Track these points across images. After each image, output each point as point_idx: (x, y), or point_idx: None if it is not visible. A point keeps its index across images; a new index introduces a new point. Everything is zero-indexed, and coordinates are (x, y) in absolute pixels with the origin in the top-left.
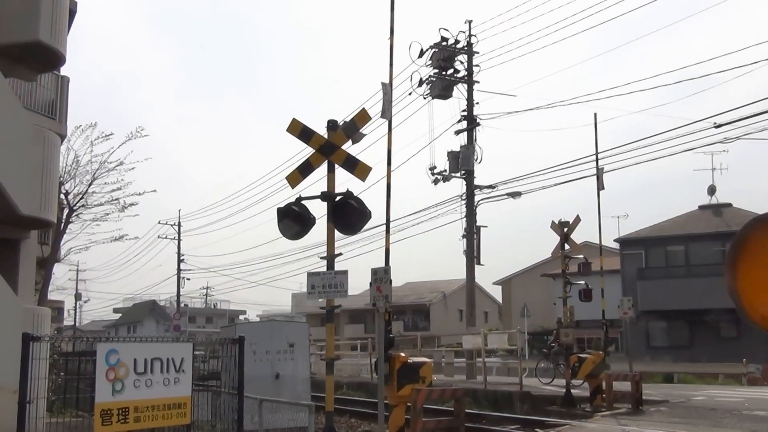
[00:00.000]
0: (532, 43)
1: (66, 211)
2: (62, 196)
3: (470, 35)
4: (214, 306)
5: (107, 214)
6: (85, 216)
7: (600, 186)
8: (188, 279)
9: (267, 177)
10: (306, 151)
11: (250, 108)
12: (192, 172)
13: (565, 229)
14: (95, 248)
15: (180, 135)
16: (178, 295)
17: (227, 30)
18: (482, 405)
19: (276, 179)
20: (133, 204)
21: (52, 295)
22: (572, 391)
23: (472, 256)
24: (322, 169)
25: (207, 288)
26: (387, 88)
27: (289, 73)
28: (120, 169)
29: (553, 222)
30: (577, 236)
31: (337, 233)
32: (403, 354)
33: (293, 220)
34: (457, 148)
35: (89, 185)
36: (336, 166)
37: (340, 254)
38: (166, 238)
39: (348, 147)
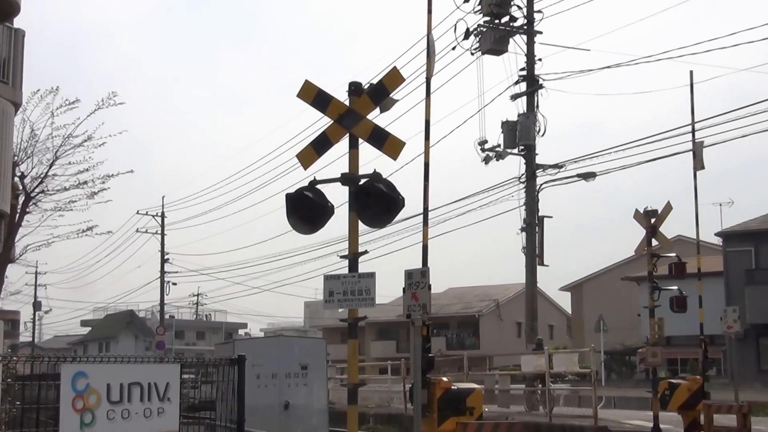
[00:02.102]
0: None
1: (21, 199)
2: (17, 179)
3: None
4: (207, 318)
5: (73, 202)
6: (45, 204)
7: (697, 165)
8: (174, 284)
9: (273, 155)
10: (322, 122)
11: (251, 69)
12: (179, 149)
13: (653, 220)
14: (58, 245)
15: (163, 103)
16: (162, 304)
17: None
18: None
19: (284, 158)
20: (104, 189)
21: (4, 304)
22: (661, 426)
23: (534, 254)
24: (343, 145)
25: (198, 295)
26: (430, 38)
27: (299, 23)
28: (88, 146)
29: (637, 211)
30: (668, 229)
31: (361, 226)
32: (445, 379)
33: (306, 210)
34: (513, 117)
35: (50, 166)
36: (360, 140)
37: (366, 252)
38: (146, 232)
39: (375, 116)
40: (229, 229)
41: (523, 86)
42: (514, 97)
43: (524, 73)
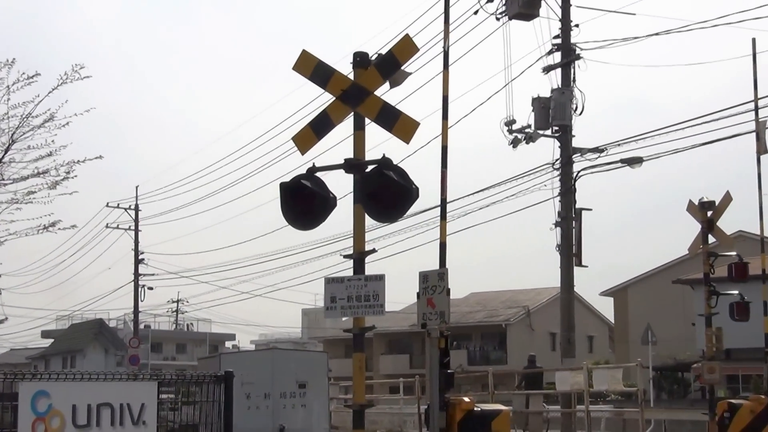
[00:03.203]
0: None
1: None
2: None
3: None
4: (189, 328)
5: (32, 193)
6: (0, 196)
7: (761, 148)
8: (150, 288)
9: (264, 138)
10: (322, 98)
11: (238, 39)
12: (155, 131)
13: (709, 214)
14: (15, 243)
15: (137, 78)
16: (136, 311)
17: None
18: None
19: (278, 141)
20: (69, 177)
21: None
22: None
23: (570, 253)
24: (346, 126)
25: (178, 301)
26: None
27: None
28: (50, 127)
29: (690, 203)
30: (727, 224)
31: (368, 220)
32: (467, 399)
33: (304, 202)
34: (546, 93)
35: (5, 151)
36: (366, 121)
37: (374, 251)
38: (117, 227)
39: (384, 92)
40: (214, 224)
41: (557, 57)
42: (547, 69)
43: (558, 41)
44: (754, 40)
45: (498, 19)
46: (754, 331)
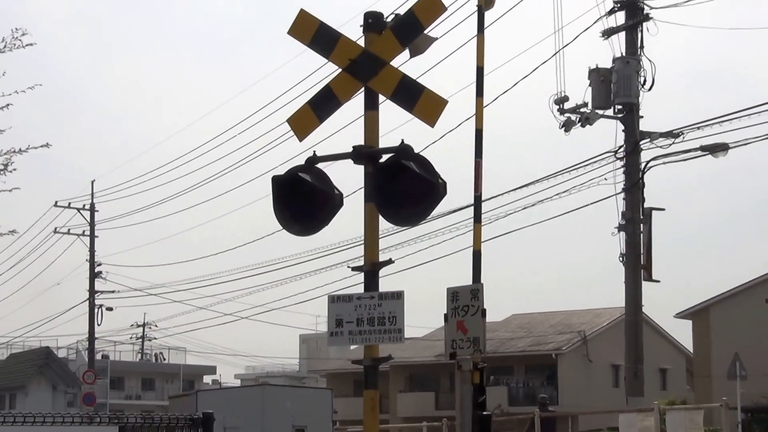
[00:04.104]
0: None
1: None
2: None
3: None
4: (158, 359)
5: None
6: None
7: None
8: (110, 309)
9: (252, 120)
10: (325, 69)
11: None
12: (116, 113)
13: None
14: None
15: (93, 47)
16: (92, 338)
17: None
18: None
19: (270, 124)
20: (7, 170)
21: None
22: None
23: (638, 264)
24: (356, 105)
25: (144, 325)
26: None
27: None
28: None
29: None
30: None
31: (383, 223)
32: None
33: (302, 200)
34: (606, 64)
35: None
36: (381, 98)
37: (390, 262)
38: (68, 232)
39: (403, 63)
40: (190, 229)
41: (620, 17)
42: (608, 33)
43: None
44: None
45: None
46: None
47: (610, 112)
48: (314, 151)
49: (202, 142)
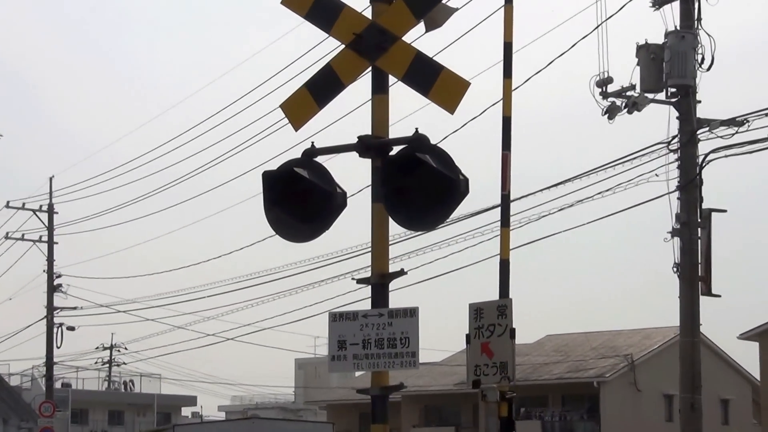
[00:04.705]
0: None
1: None
2: None
3: None
4: (128, 387)
5: None
6: None
7: None
8: (72, 329)
9: (239, 106)
10: (325, 46)
11: None
12: (79, 93)
13: None
14: None
15: (52, 15)
16: (50, 363)
17: None
18: None
19: (260, 110)
20: None
21: None
22: None
23: (695, 276)
24: (361, 89)
25: (112, 348)
26: None
27: None
28: None
29: None
30: None
31: (394, 227)
32: None
33: (298, 200)
34: (657, 39)
35: None
36: (391, 80)
37: (402, 273)
38: (23, 238)
39: (418, 38)
40: (165, 234)
41: None
42: (659, 2)
43: None
44: None
45: None
46: None
47: (661, 95)
48: (312, 143)
49: (182, 130)
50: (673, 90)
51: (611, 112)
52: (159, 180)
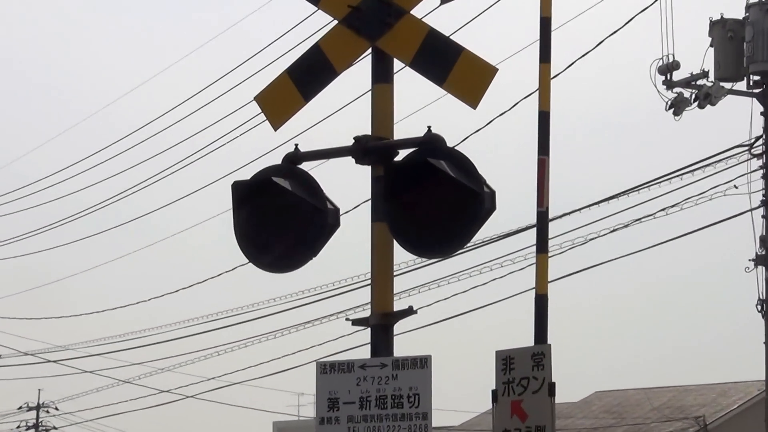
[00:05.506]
0: None
1: None
2: None
3: None
4: None
5: None
6: None
7: None
8: None
9: (203, 98)
10: (314, 21)
11: None
12: (10, 84)
13: None
14: None
15: None
16: None
17: None
18: None
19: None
20: None
21: None
22: None
23: None
24: (358, 77)
25: (39, 408)
26: None
27: None
28: None
29: None
30: None
31: (400, 253)
32: None
33: (277, 218)
34: (735, 14)
35: None
36: (397, 65)
37: (412, 312)
38: None
39: (430, 12)
40: (108, 261)
41: None
42: None
43: None
44: None
45: None
46: None
47: (741, 85)
48: (296, 145)
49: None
50: (757, 78)
51: (677, 106)
52: (92, 195)
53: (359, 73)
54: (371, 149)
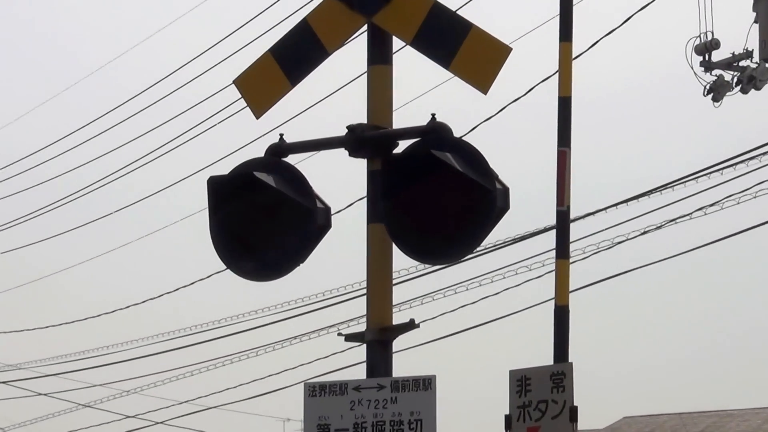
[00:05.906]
0: None
1: None
2: None
3: None
4: None
5: None
6: None
7: None
8: None
9: (175, 82)
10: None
11: None
12: None
13: None
14: None
15: None
16: None
17: None
18: None
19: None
20: None
21: None
22: None
23: None
24: (352, 57)
25: None
26: None
27: None
28: None
29: None
30: None
31: (400, 258)
32: None
33: (259, 218)
34: None
35: None
36: (396, 43)
37: (414, 326)
38: None
39: None
40: (69, 267)
41: None
42: None
43: None
44: None
45: None
46: None
47: None
48: (281, 135)
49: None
50: None
51: (717, 91)
52: (54, 190)
53: (353, 54)
54: (367, 140)
